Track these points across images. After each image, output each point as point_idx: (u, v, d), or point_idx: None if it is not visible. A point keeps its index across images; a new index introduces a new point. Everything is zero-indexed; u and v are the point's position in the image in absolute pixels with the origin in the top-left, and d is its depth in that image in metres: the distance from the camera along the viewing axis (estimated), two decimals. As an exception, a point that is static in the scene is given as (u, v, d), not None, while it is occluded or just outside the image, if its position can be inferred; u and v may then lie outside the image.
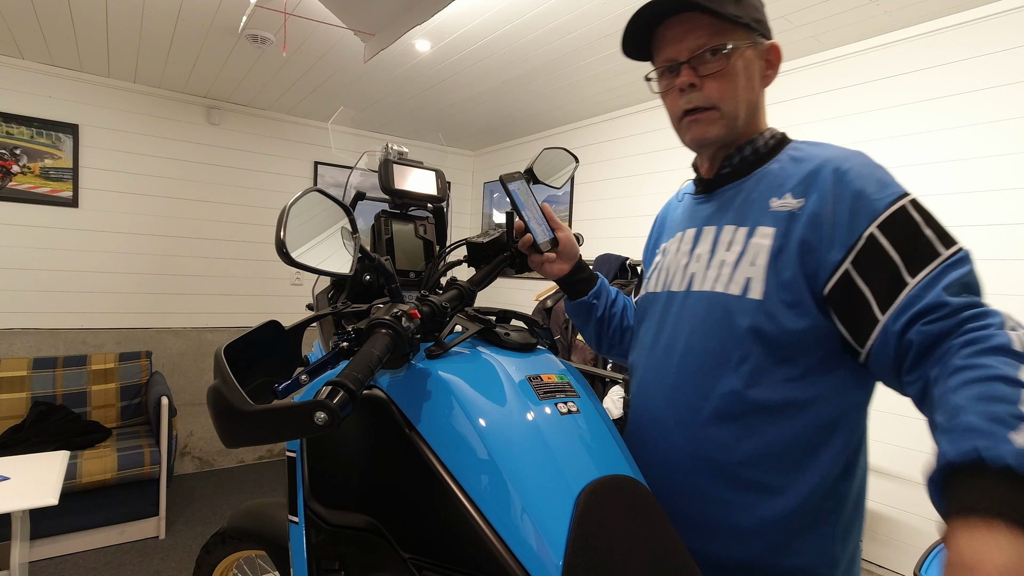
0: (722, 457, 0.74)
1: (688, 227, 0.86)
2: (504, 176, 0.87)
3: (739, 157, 0.81)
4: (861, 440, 0.75)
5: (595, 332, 1.02)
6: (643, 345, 0.88)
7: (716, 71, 0.75)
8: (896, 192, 0.67)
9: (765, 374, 0.72)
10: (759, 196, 0.76)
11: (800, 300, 0.70)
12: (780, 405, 0.71)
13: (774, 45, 0.79)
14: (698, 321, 0.78)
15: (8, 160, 2.99)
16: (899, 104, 2.20)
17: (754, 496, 0.72)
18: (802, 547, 0.71)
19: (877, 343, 0.64)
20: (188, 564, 2.54)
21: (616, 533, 0.58)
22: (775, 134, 0.81)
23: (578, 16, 2.20)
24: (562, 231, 0.92)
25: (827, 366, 0.71)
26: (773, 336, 0.71)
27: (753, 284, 0.72)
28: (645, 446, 0.82)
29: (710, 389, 0.75)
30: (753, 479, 0.72)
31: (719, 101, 0.76)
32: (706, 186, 0.86)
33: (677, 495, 0.77)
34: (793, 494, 0.71)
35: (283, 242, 0.61)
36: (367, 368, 0.56)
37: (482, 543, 0.58)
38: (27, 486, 1.78)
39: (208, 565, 1.24)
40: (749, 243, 0.74)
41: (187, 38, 2.59)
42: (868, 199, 0.67)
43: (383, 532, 0.67)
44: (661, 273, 0.88)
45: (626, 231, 3.34)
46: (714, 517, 0.74)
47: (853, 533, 0.75)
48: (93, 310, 3.28)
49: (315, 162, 3.97)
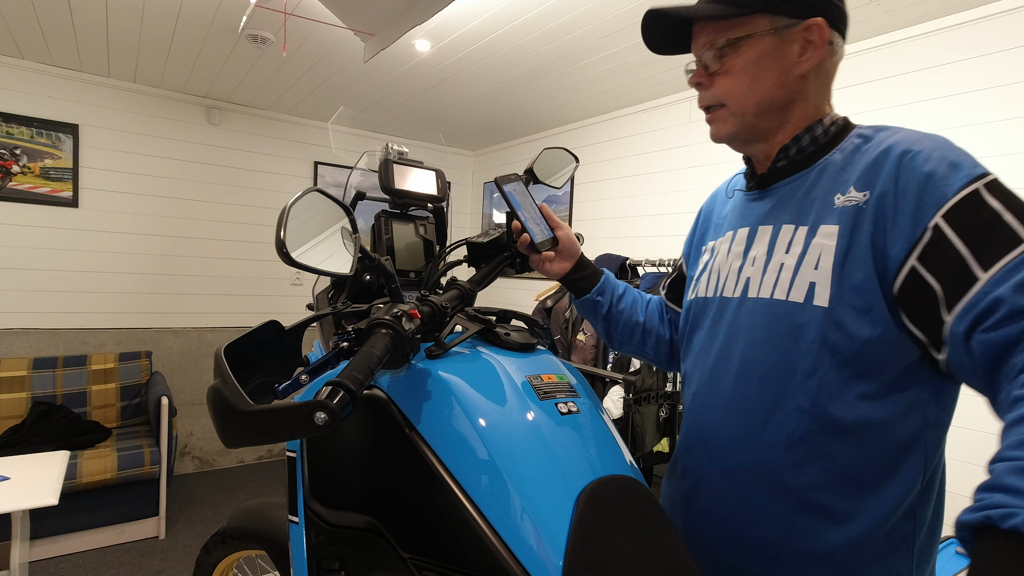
0: (787, 478, 0.68)
1: (741, 226, 0.79)
2: (499, 178, 0.86)
3: (796, 147, 0.73)
4: (940, 460, 0.69)
5: (604, 329, 1.00)
6: (695, 355, 0.83)
7: (721, 68, 0.72)
8: (969, 175, 0.58)
9: (835, 390, 0.65)
10: (821, 191, 0.69)
11: (873, 305, 0.62)
12: (853, 425, 0.65)
13: (814, 23, 0.68)
14: (756, 331, 0.71)
15: (8, 160, 2.99)
16: (899, 104, 2.20)
17: (822, 520, 0.66)
18: (877, 573, 0.66)
19: (951, 348, 0.57)
20: (188, 564, 2.54)
21: (616, 533, 0.58)
22: (836, 120, 0.73)
23: (578, 16, 2.20)
24: (561, 229, 0.92)
25: (905, 382, 0.64)
26: (844, 347, 0.64)
27: (818, 290, 0.65)
28: (702, 464, 0.78)
29: (774, 405, 0.69)
30: (821, 502, 0.66)
31: (724, 98, 0.73)
32: (759, 181, 0.78)
33: (738, 515, 0.72)
34: (865, 519, 0.65)
35: (283, 242, 0.60)
36: (367, 368, 0.56)
37: (482, 543, 0.58)
38: (27, 486, 1.78)
39: (208, 565, 1.24)
40: (811, 244, 0.67)
41: (187, 38, 2.59)
42: (936, 185, 0.58)
43: (383, 532, 0.67)
44: (712, 275, 0.82)
45: (626, 231, 3.34)
46: (779, 541, 0.69)
47: (930, 558, 0.69)
48: (93, 310, 3.28)
49: (315, 162, 3.97)
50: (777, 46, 0.69)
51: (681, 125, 2.99)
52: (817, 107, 0.74)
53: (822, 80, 0.73)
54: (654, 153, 3.17)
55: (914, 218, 0.59)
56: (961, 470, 2.01)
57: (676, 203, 3.02)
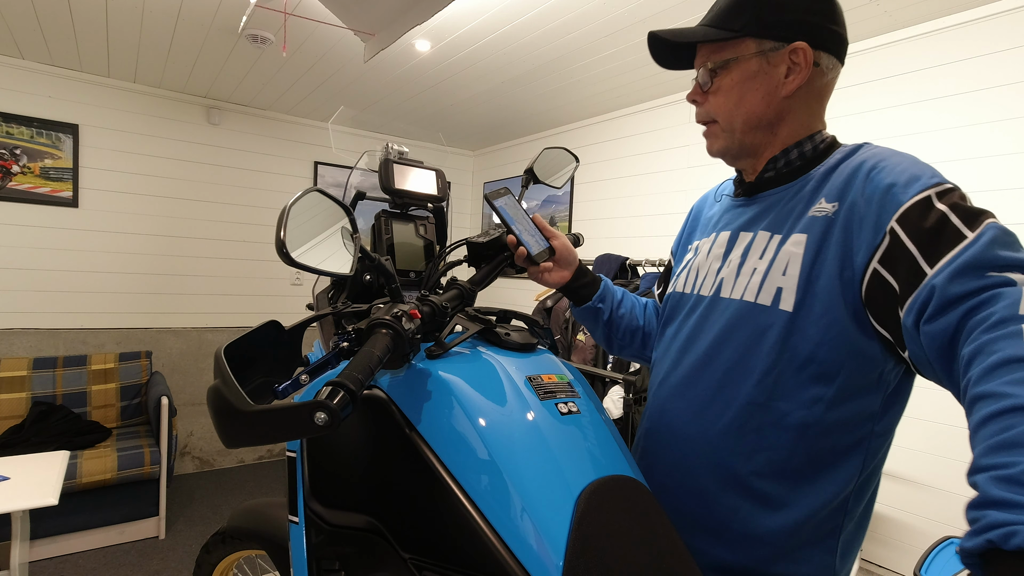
0: (735, 465, 0.73)
1: (724, 230, 0.84)
2: (489, 194, 0.86)
3: (784, 161, 0.78)
4: (879, 463, 0.73)
5: (604, 335, 1.00)
6: (665, 345, 0.88)
7: (713, 88, 0.77)
8: (925, 184, 0.62)
9: (790, 390, 0.69)
10: (799, 203, 0.73)
11: (834, 312, 0.66)
12: (801, 425, 0.69)
13: (797, 47, 0.72)
14: (723, 329, 0.76)
15: (8, 160, 2.99)
16: (899, 104, 2.20)
17: (762, 506, 0.72)
18: (804, 557, 0.71)
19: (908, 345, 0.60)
20: (188, 564, 2.54)
21: (617, 533, 0.58)
22: (825, 138, 0.78)
23: (578, 16, 2.20)
24: (557, 239, 0.91)
25: (857, 392, 0.68)
26: (802, 350, 0.68)
27: (785, 295, 0.70)
28: (660, 446, 0.82)
29: (731, 398, 0.74)
30: (764, 490, 0.72)
31: (716, 115, 0.78)
32: (746, 189, 0.83)
33: (688, 496, 0.77)
34: (802, 508, 0.70)
35: (283, 242, 0.60)
36: (367, 368, 0.56)
37: (482, 543, 0.58)
38: (27, 486, 1.78)
39: (208, 565, 1.24)
40: (781, 251, 0.72)
41: (187, 38, 2.59)
42: (895, 194, 0.63)
43: (383, 532, 0.67)
44: (691, 273, 0.86)
45: (626, 231, 3.34)
46: (723, 522, 0.74)
47: (854, 548, 0.75)
48: (93, 310, 3.28)
49: (315, 162, 3.97)
50: (763, 68, 0.74)
51: (681, 125, 2.99)
52: (807, 125, 0.77)
53: (812, 99, 0.77)
54: (654, 153, 3.17)
55: (875, 225, 0.64)
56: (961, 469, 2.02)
57: (676, 203, 3.02)
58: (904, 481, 2.13)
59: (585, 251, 3.30)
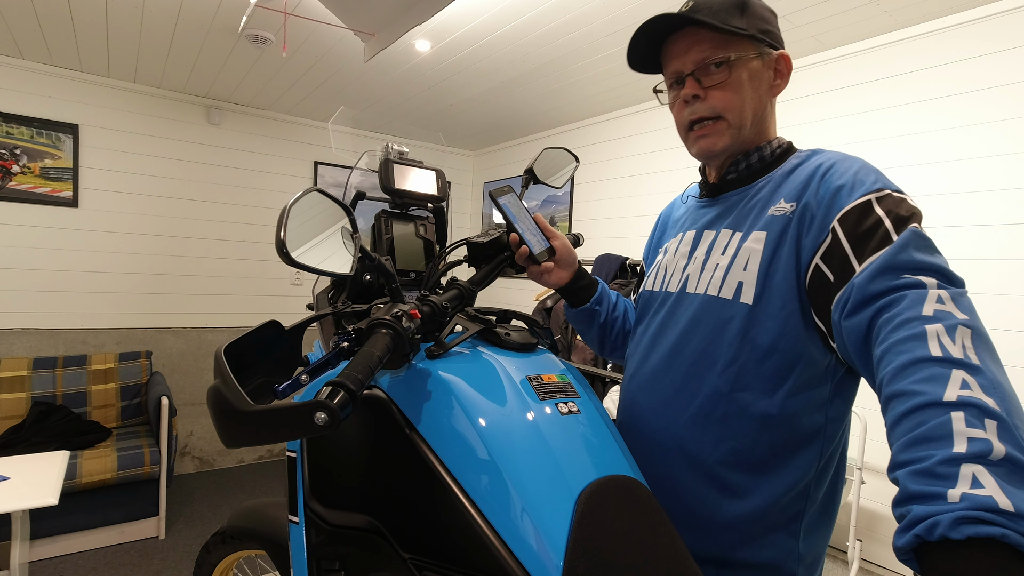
0: (701, 455, 0.75)
1: (689, 229, 0.87)
2: (493, 191, 0.86)
3: (745, 164, 0.82)
4: (838, 448, 0.76)
5: (597, 337, 1.02)
6: (636, 341, 0.91)
7: (720, 82, 0.76)
8: (869, 188, 0.66)
9: (751, 380, 0.73)
10: (758, 203, 0.77)
11: (789, 305, 0.70)
12: (762, 414, 0.72)
13: (783, 55, 0.79)
14: (688, 322, 0.79)
15: (8, 160, 2.99)
16: (899, 104, 2.20)
17: (727, 494, 0.74)
18: (768, 542, 0.73)
19: (835, 338, 0.65)
20: (188, 564, 2.54)
21: (617, 533, 0.58)
22: (782, 143, 0.82)
23: (578, 16, 2.20)
24: (557, 240, 0.91)
25: (813, 380, 0.71)
26: (761, 342, 0.72)
27: (745, 288, 0.73)
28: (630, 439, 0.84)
29: (696, 389, 0.76)
30: (729, 479, 0.74)
31: (724, 111, 0.77)
32: (710, 190, 0.87)
33: (658, 487, 0.79)
34: (764, 495, 0.73)
35: (283, 242, 0.60)
36: (367, 368, 0.56)
37: (482, 543, 0.58)
38: (27, 486, 1.78)
39: (208, 565, 1.24)
40: (742, 247, 0.75)
41: (187, 38, 2.59)
42: (841, 196, 0.67)
43: (383, 532, 0.67)
44: (660, 272, 0.90)
45: (626, 231, 3.34)
46: (690, 510, 0.76)
47: (820, 532, 0.77)
48: (93, 310, 3.28)
49: (315, 162, 3.97)
50: (760, 69, 0.78)
51: (681, 125, 2.98)
52: (771, 129, 0.83)
53: (773, 106, 0.83)
54: (654, 153, 3.17)
55: (822, 224, 0.68)
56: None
57: (676, 203, 3.02)
58: (904, 481, 2.13)
59: (585, 251, 3.30)
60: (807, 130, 2.47)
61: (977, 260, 2.00)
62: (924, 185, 2.13)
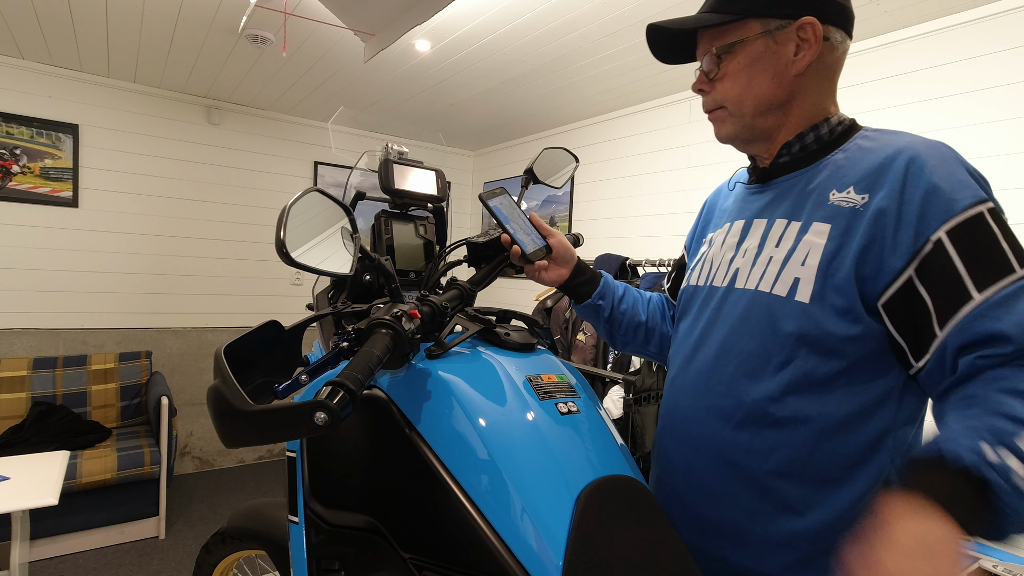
0: (753, 464, 0.70)
1: (737, 218, 0.81)
2: (483, 194, 0.85)
3: (799, 145, 0.75)
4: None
5: (607, 331, 0.99)
6: (679, 341, 0.85)
7: (719, 74, 0.75)
8: (976, 196, 0.60)
9: (808, 383, 0.67)
10: (819, 188, 0.70)
11: (852, 306, 0.64)
12: (822, 417, 0.66)
13: (805, 22, 0.69)
14: (737, 320, 0.74)
15: (8, 160, 2.99)
16: (899, 104, 2.20)
17: (783, 508, 0.68)
18: (831, 565, 0.65)
19: (933, 359, 0.60)
20: (188, 564, 2.54)
21: (616, 533, 0.58)
22: (843, 120, 0.74)
23: (578, 16, 2.20)
24: (553, 237, 0.90)
25: (879, 379, 0.66)
26: (820, 343, 0.66)
27: (802, 286, 0.67)
28: (674, 445, 0.80)
29: (745, 393, 0.71)
30: (783, 490, 0.68)
31: (723, 101, 0.76)
32: (761, 175, 0.80)
33: (705, 498, 0.74)
34: (827, 509, 0.66)
35: (283, 242, 0.60)
36: (367, 368, 0.56)
37: (482, 543, 0.58)
38: (27, 486, 1.78)
39: (208, 565, 1.24)
40: (801, 240, 0.69)
41: (187, 38, 2.59)
42: (942, 199, 0.60)
43: (383, 532, 0.67)
44: (705, 265, 0.84)
45: (626, 231, 3.34)
46: (743, 525, 0.71)
47: None
48: (93, 310, 3.28)
49: (315, 162, 3.97)
50: (771, 47, 0.71)
51: (681, 125, 2.99)
52: (820, 105, 0.74)
53: (823, 77, 0.73)
54: (654, 153, 3.17)
55: (917, 229, 0.61)
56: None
57: (676, 203, 3.02)
58: (904, 481, 2.13)
59: (585, 251, 3.30)
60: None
61: (977, 260, 2.00)
62: (924, 185, 2.13)
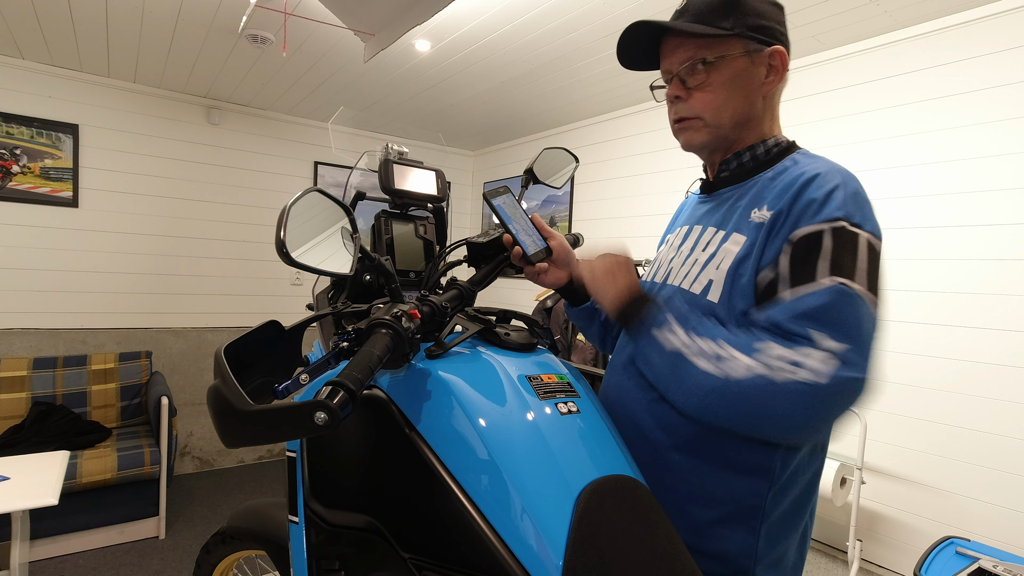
0: (658, 439, 0.76)
1: (685, 223, 0.90)
2: (487, 192, 0.86)
3: (737, 163, 0.82)
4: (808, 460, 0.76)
5: (598, 335, 1.02)
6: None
7: (700, 84, 0.78)
8: (834, 215, 0.67)
9: None
10: (746, 204, 0.78)
11: (750, 310, 0.72)
12: None
13: (777, 50, 0.77)
14: None
15: (8, 160, 2.99)
16: (899, 104, 2.20)
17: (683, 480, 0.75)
18: (727, 534, 0.73)
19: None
20: (188, 564, 2.54)
21: (616, 533, 0.58)
22: (780, 142, 0.81)
23: (578, 16, 2.20)
24: (554, 239, 0.91)
25: None
26: None
27: (714, 287, 0.75)
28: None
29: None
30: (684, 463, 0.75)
31: (702, 112, 0.79)
32: (705, 187, 0.89)
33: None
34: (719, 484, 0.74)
35: (283, 242, 0.61)
36: (367, 368, 0.56)
37: (482, 543, 0.58)
38: (27, 486, 1.78)
39: (208, 565, 1.24)
40: (721, 247, 0.77)
41: (187, 38, 2.59)
42: (809, 212, 0.68)
43: (383, 532, 0.67)
44: (656, 263, 0.94)
45: (626, 231, 3.34)
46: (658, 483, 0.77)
47: (785, 539, 0.76)
48: (93, 310, 3.28)
49: (315, 162, 3.97)
50: (748, 68, 0.77)
51: (681, 125, 2.98)
52: (768, 128, 0.82)
53: (772, 103, 0.82)
54: (654, 153, 3.17)
55: (785, 236, 0.70)
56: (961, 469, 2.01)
57: (676, 203, 3.02)
58: (903, 481, 2.13)
59: (585, 251, 3.29)
60: (807, 130, 2.47)
61: (978, 260, 2.00)
62: (924, 185, 2.13)
